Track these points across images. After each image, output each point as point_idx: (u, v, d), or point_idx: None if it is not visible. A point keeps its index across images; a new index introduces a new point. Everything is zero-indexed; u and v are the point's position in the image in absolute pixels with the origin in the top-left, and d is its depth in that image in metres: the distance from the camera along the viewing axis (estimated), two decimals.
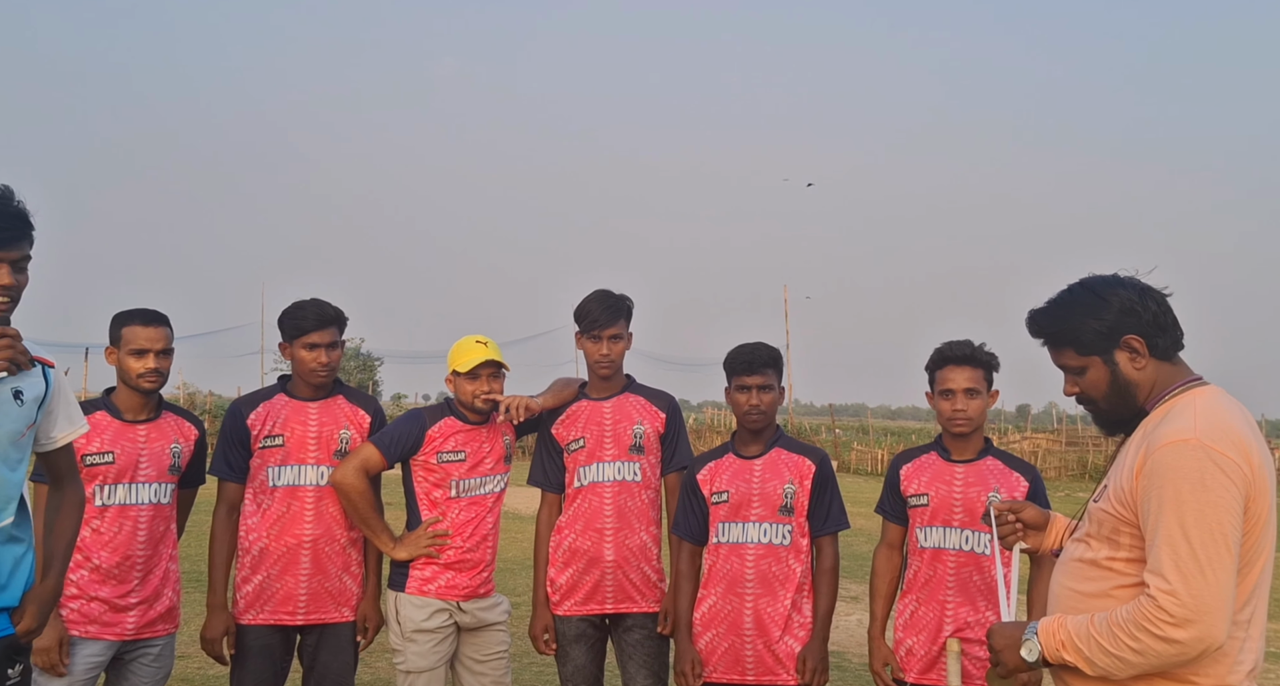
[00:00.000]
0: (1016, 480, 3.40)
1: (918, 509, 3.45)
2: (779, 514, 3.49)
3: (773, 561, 3.47)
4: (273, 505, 3.60)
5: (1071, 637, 2.10)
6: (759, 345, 3.59)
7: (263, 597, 3.58)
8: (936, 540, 3.40)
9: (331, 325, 3.66)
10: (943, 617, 3.36)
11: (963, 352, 3.39)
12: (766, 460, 3.55)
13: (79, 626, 3.35)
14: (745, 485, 3.52)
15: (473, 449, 3.67)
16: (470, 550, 3.64)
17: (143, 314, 3.50)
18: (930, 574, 3.39)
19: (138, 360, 3.44)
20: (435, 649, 3.57)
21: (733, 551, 3.50)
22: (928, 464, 3.50)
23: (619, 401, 3.79)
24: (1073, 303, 2.25)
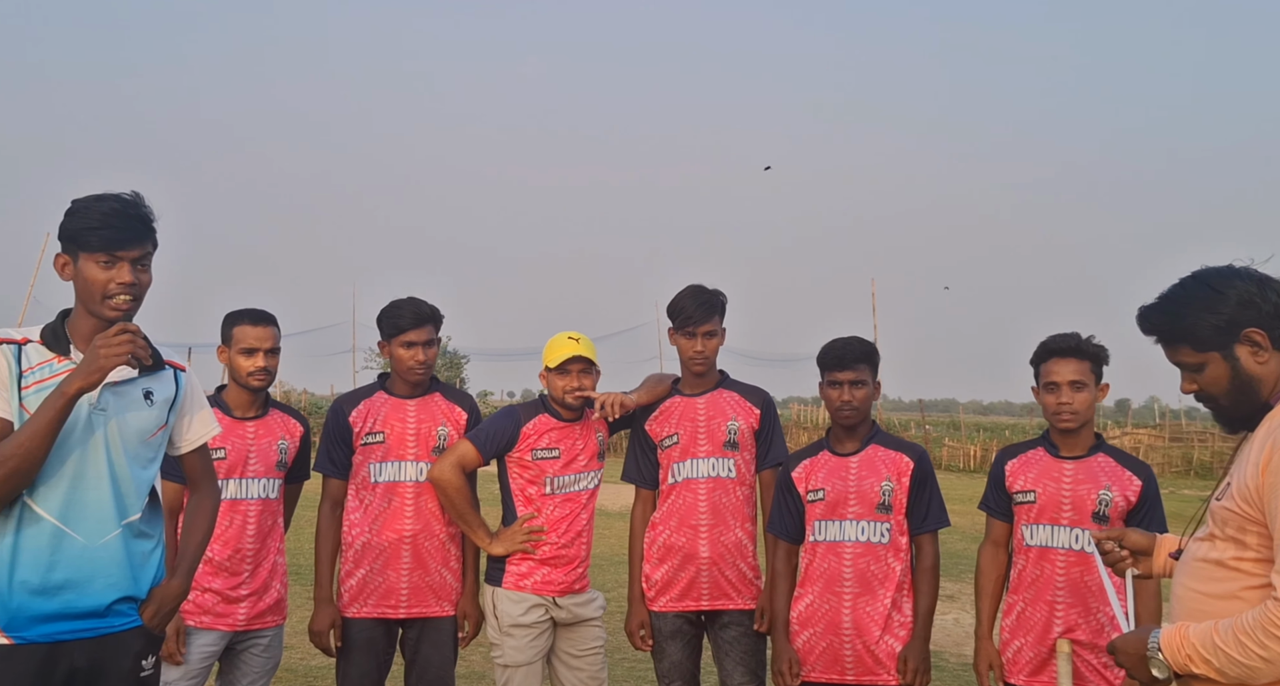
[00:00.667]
0: (1129, 479, 3.29)
1: (1024, 505, 3.36)
2: (877, 511, 3.43)
3: (871, 560, 3.42)
4: (374, 501, 3.67)
5: (1198, 650, 2.01)
6: (851, 339, 3.54)
7: (365, 591, 3.65)
8: (1043, 538, 3.30)
9: (428, 323, 3.71)
10: (1051, 618, 3.27)
11: (1068, 344, 3.29)
12: (863, 457, 3.50)
13: (194, 617, 3.47)
14: (841, 483, 3.47)
15: (566, 446, 3.69)
16: (565, 546, 3.66)
17: (251, 314, 3.61)
18: (1037, 573, 3.30)
19: (247, 358, 3.55)
20: (532, 643, 3.61)
21: (830, 550, 3.45)
22: (1035, 459, 3.40)
23: (713, 397, 3.77)
24: (1187, 297, 2.14)
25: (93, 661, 2.40)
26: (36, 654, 2.32)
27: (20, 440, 2.26)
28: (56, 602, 2.34)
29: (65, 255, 2.45)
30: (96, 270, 2.41)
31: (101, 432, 2.41)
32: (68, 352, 2.44)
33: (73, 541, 2.36)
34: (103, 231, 2.40)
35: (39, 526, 2.34)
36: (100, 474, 2.40)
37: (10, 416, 2.33)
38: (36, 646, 2.32)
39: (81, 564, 2.37)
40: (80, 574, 2.37)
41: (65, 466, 2.36)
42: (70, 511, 2.36)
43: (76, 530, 2.37)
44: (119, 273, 2.42)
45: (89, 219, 2.40)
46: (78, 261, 2.42)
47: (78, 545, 2.36)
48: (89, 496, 2.39)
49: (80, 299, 2.46)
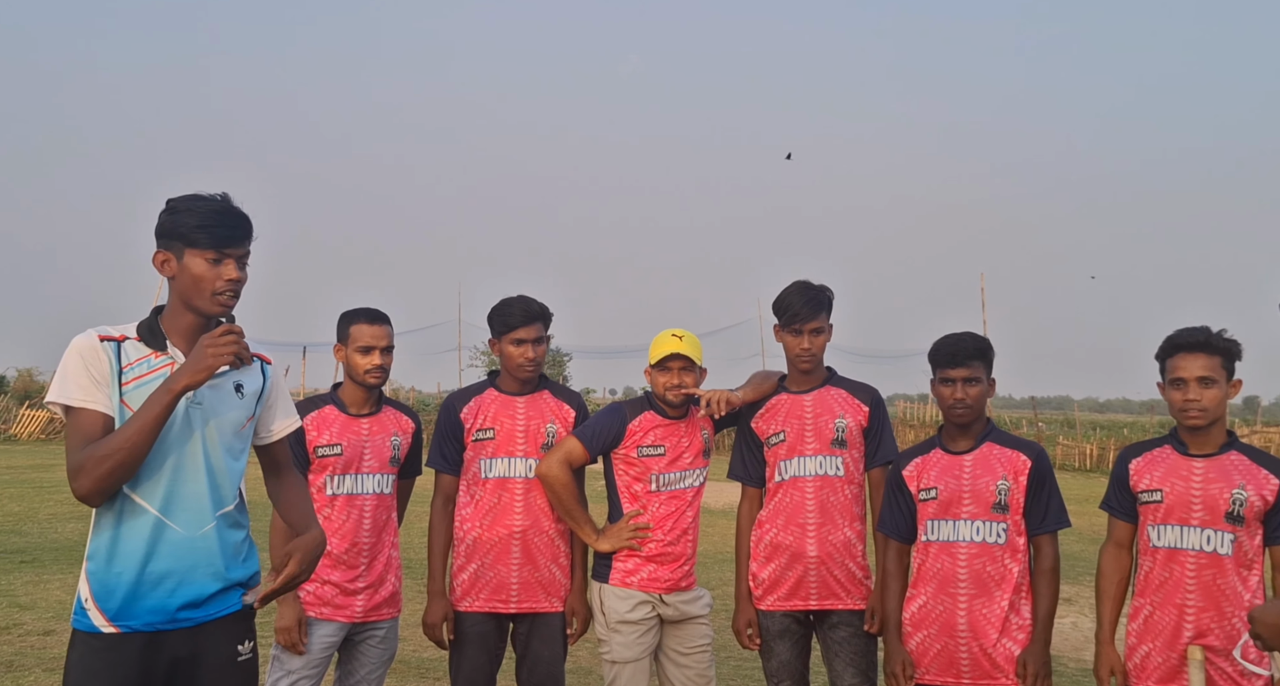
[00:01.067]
0: (1265, 478, 3.12)
1: (1150, 505, 3.22)
2: (993, 511, 3.33)
3: (987, 561, 3.32)
4: (484, 496, 3.72)
5: None
6: (965, 336, 3.44)
7: (477, 586, 3.71)
8: (1172, 539, 3.16)
9: (537, 321, 3.75)
10: (1181, 622, 3.12)
11: (1196, 339, 3.15)
12: (977, 455, 3.40)
13: (314, 608, 3.58)
14: (955, 482, 3.38)
15: (672, 443, 3.69)
16: (671, 543, 3.66)
17: (368, 313, 3.70)
18: (1165, 575, 3.15)
19: (364, 356, 3.64)
20: (639, 640, 3.62)
21: (943, 550, 3.37)
22: (1161, 458, 3.26)
23: (820, 394, 3.72)
24: None
25: (193, 649, 2.46)
26: (140, 642, 2.39)
27: (126, 435, 2.31)
28: (159, 592, 2.41)
29: (167, 252, 2.47)
30: (204, 267, 2.44)
31: (198, 426, 2.47)
32: (164, 348, 2.48)
33: (173, 532, 2.42)
34: (215, 229, 2.44)
35: (141, 518, 2.40)
36: (197, 466, 2.46)
37: (112, 412, 2.38)
38: (140, 634, 2.39)
39: (182, 554, 2.43)
40: (181, 564, 2.43)
41: (165, 459, 2.42)
42: (170, 503, 2.42)
43: (176, 521, 2.43)
44: (226, 269, 2.46)
45: (197, 217, 2.44)
46: (182, 258, 2.45)
47: (178, 536, 2.43)
48: (187, 488, 2.44)
49: (181, 295, 2.48)
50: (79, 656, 2.39)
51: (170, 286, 2.50)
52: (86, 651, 2.38)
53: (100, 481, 2.31)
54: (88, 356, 2.40)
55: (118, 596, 2.38)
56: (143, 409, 2.33)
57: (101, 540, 2.41)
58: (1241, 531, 3.10)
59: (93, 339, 2.43)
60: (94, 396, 2.37)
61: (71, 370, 2.39)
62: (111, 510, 2.40)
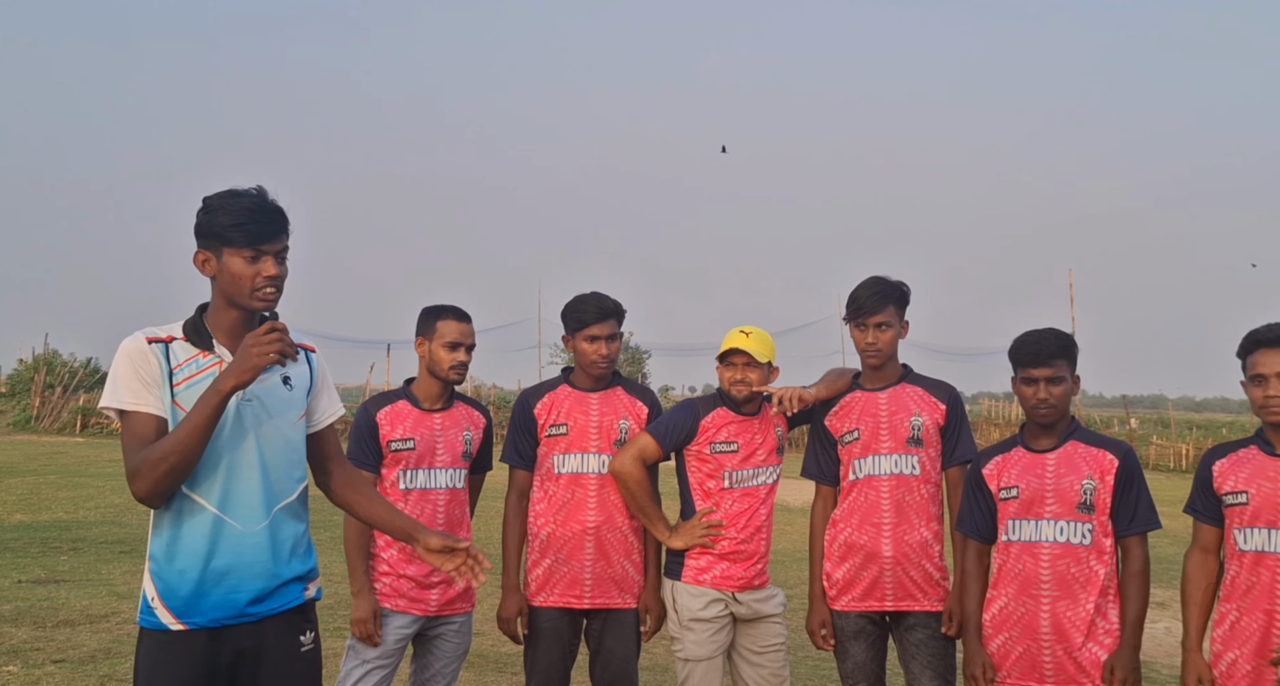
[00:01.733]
0: None
1: (1236, 508, 3.09)
2: (1077, 511, 3.23)
3: (1071, 562, 3.22)
4: (558, 492, 3.73)
5: None
6: (1047, 332, 3.33)
7: (551, 581, 3.72)
8: (1259, 543, 3.03)
9: (611, 318, 3.75)
10: (1270, 628, 2.99)
11: (1276, 334, 3.04)
12: (1061, 454, 3.30)
13: (390, 600, 3.63)
14: (1038, 481, 3.28)
15: (745, 440, 3.66)
16: (744, 541, 3.63)
17: (455, 310, 3.74)
18: (1253, 580, 3.03)
19: (450, 352, 3.68)
20: (712, 638, 3.59)
21: (1025, 550, 3.27)
22: (1247, 458, 3.13)
23: (895, 392, 3.65)
24: None
25: (256, 642, 2.49)
26: (205, 638, 2.44)
27: (179, 437, 2.34)
28: (222, 589, 2.44)
29: (206, 252, 2.49)
30: (242, 265, 2.46)
31: (250, 423, 2.49)
32: (211, 347, 2.50)
33: (232, 529, 2.45)
34: (249, 226, 2.45)
35: (201, 516, 2.43)
36: (252, 463, 2.48)
37: (165, 414, 2.41)
38: (205, 631, 2.44)
39: (242, 550, 2.46)
40: (241, 560, 2.46)
41: (220, 457, 2.44)
42: (228, 500, 2.45)
43: (235, 518, 2.46)
44: (264, 266, 2.47)
45: (231, 215, 2.45)
46: (221, 257, 2.47)
47: (236, 532, 2.46)
48: (244, 486, 2.47)
49: (224, 293, 2.51)
50: (147, 652, 2.44)
51: (213, 285, 2.53)
52: (155, 647, 2.43)
53: (157, 484, 2.35)
54: (136, 359, 2.43)
55: (182, 594, 2.42)
56: (193, 411, 2.36)
57: (162, 539, 2.45)
58: None
59: (140, 342, 2.46)
60: (145, 399, 2.40)
61: (122, 374, 2.42)
62: (171, 509, 2.43)
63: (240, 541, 2.46)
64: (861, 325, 3.60)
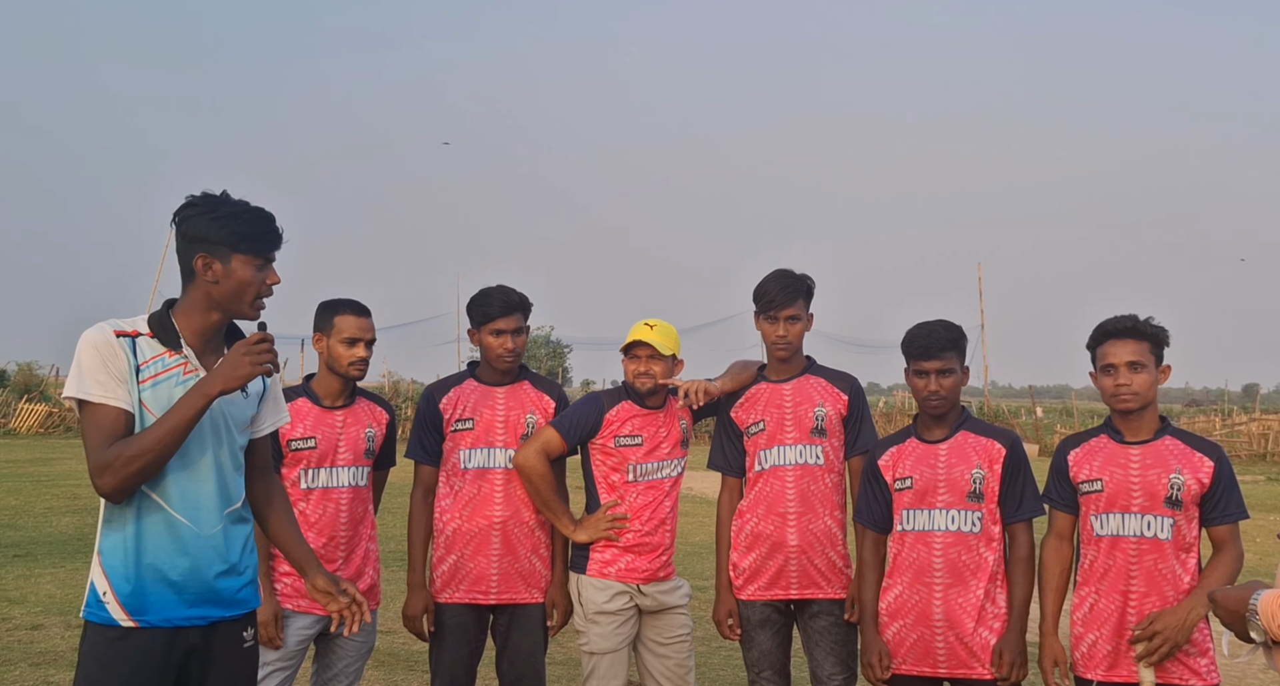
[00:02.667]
0: (1199, 461, 3.13)
1: (1091, 495, 3.22)
2: (967, 500, 3.32)
3: (962, 550, 3.31)
4: (464, 487, 3.71)
5: None
6: (936, 326, 3.41)
7: (457, 577, 3.69)
8: (1114, 528, 3.16)
9: (516, 311, 3.73)
10: (1125, 608, 3.13)
11: (1124, 325, 3.18)
12: (952, 444, 3.39)
13: (291, 600, 3.56)
14: (930, 471, 3.36)
15: (649, 433, 3.67)
16: (649, 533, 3.65)
17: (353, 304, 3.67)
18: (1109, 563, 3.16)
19: (349, 348, 3.61)
20: (617, 631, 3.61)
21: (919, 539, 3.35)
22: (1099, 447, 3.26)
23: (799, 383, 3.70)
24: None
25: (206, 641, 2.48)
26: (158, 637, 2.41)
27: (158, 436, 2.33)
28: (175, 588, 2.42)
29: (209, 256, 2.44)
30: (251, 272, 2.46)
31: (210, 426, 2.47)
32: (179, 347, 2.46)
33: (187, 529, 2.43)
34: (266, 235, 2.48)
35: (158, 515, 2.41)
36: (209, 465, 2.47)
37: (133, 409, 2.38)
38: (159, 630, 2.41)
39: (197, 551, 2.44)
40: (197, 561, 2.44)
41: (180, 458, 2.42)
42: (184, 501, 2.43)
43: (190, 519, 2.44)
44: (270, 275, 2.50)
45: (246, 223, 2.45)
46: (229, 262, 2.44)
47: (191, 533, 2.44)
48: (201, 487, 2.46)
49: (217, 298, 2.47)
50: (92, 648, 2.40)
51: (197, 286, 2.47)
52: (102, 643, 2.39)
53: (127, 480, 2.33)
54: (104, 351, 2.39)
55: (138, 592, 2.39)
56: (175, 411, 2.35)
57: (117, 536, 2.41)
58: (1180, 515, 3.11)
59: (108, 334, 2.42)
60: (114, 392, 2.37)
61: (88, 365, 2.37)
62: (130, 507, 2.40)
63: (195, 542, 2.44)
64: (772, 318, 3.64)
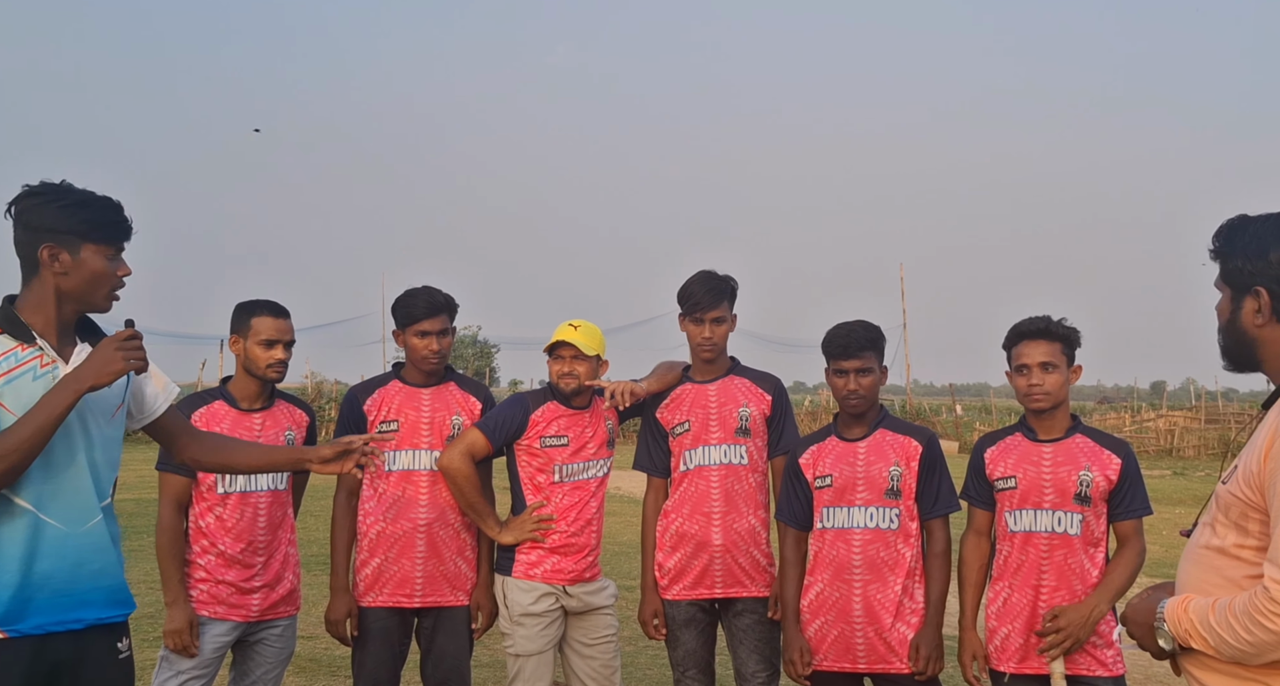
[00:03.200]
0: (1108, 458, 3.26)
1: (1005, 492, 3.32)
2: (885, 497, 3.39)
3: (881, 546, 3.38)
4: (388, 490, 3.67)
5: (1195, 625, 1.99)
6: (855, 327, 3.48)
7: (381, 580, 3.66)
8: (1027, 523, 3.27)
9: (442, 313, 3.70)
10: (1037, 602, 3.24)
11: (1037, 327, 3.29)
12: (871, 442, 3.46)
13: (207, 607, 3.49)
14: (849, 469, 3.43)
15: (575, 433, 3.68)
16: (575, 534, 3.65)
17: (270, 305, 3.60)
18: (1022, 559, 3.27)
19: (266, 350, 3.55)
20: (543, 632, 3.60)
21: (839, 537, 3.42)
22: (1013, 445, 3.37)
23: (724, 384, 3.74)
24: (1248, 231, 2.05)
25: (77, 650, 2.38)
26: (27, 647, 2.31)
27: (24, 435, 2.23)
28: (44, 594, 2.32)
29: (57, 246, 2.35)
30: (103, 263, 2.38)
31: (77, 421, 2.37)
32: (31, 341, 2.37)
33: (54, 530, 2.33)
34: (119, 223, 2.40)
35: (20, 518, 2.31)
36: (78, 460, 2.38)
37: None
38: (28, 638, 2.31)
39: (65, 552, 2.34)
40: (64, 563, 2.34)
41: (44, 457, 2.31)
42: (48, 499, 2.33)
43: (56, 518, 2.34)
44: (121, 266, 2.42)
45: (95, 211, 2.37)
46: (79, 253, 2.36)
47: (59, 533, 2.34)
48: (67, 484, 2.36)
49: (68, 290, 2.38)
50: None
51: (43, 279, 2.38)
52: None
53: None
54: None
55: (3, 601, 2.27)
56: (42, 407, 2.26)
57: None
58: (1089, 511, 3.23)
59: None
60: None
61: None
62: None
63: (64, 543, 2.34)
64: (698, 320, 3.67)
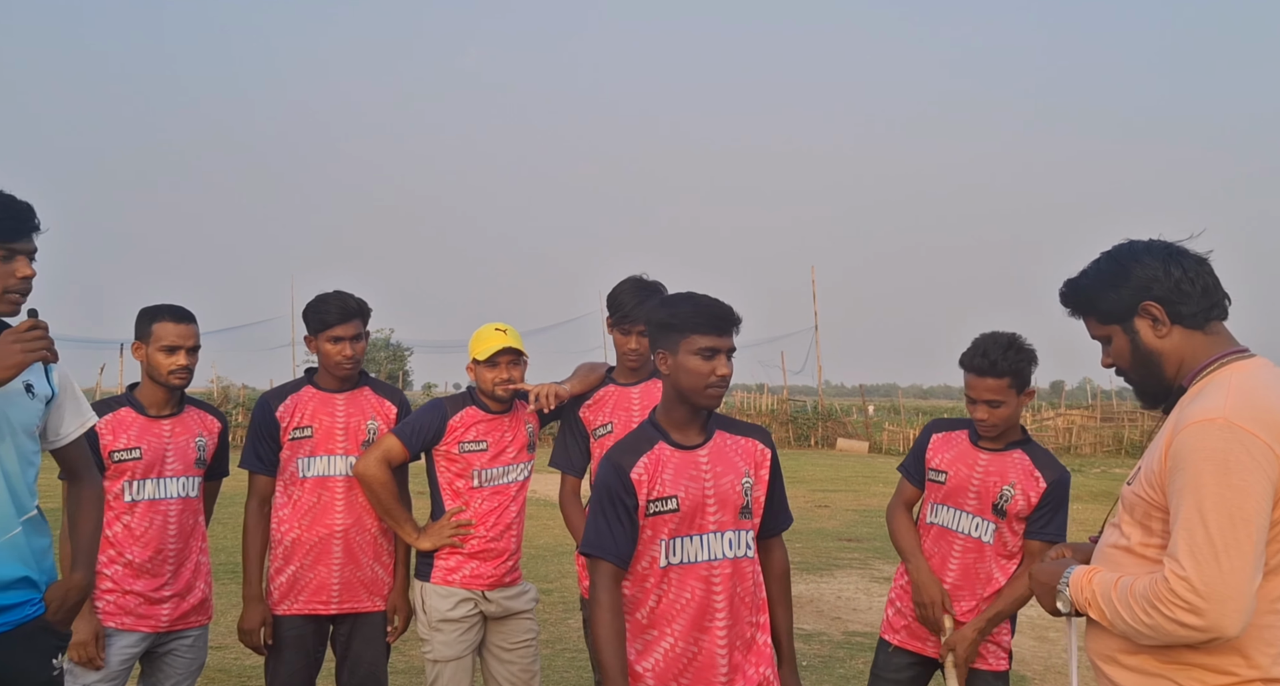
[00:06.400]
0: (1036, 480, 3.28)
1: (934, 484, 3.42)
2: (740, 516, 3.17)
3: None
4: (303, 496, 3.62)
5: (1096, 596, 2.07)
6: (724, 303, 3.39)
7: (296, 588, 3.61)
8: (945, 519, 3.38)
9: (355, 318, 3.66)
10: None
11: (984, 365, 3.21)
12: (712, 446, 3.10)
13: (115, 618, 3.40)
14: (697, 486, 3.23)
15: (494, 438, 3.67)
16: (494, 539, 3.64)
17: (172, 310, 3.51)
18: (933, 551, 3.38)
19: (168, 357, 3.46)
20: (461, 638, 3.58)
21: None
22: (957, 441, 3.45)
23: (647, 387, 3.76)
24: (1096, 272, 2.21)
25: (3, 662, 2.33)
26: None
27: None
28: None
29: None
30: None
31: None
32: None
33: None
34: (4, 223, 2.30)
35: None
36: None
37: None
38: None
39: None
40: None
41: None
42: None
43: None
44: (19, 266, 2.33)
45: None
46: None
47: None
48: None
49: None
50: None
51: None
52: None
53: None
54: None
55: None
56: None
57: None
58: (1004, 524, 3.30)
59: None
60: None
61: None
62: None
63: None
64: (626, 331, 3.68)
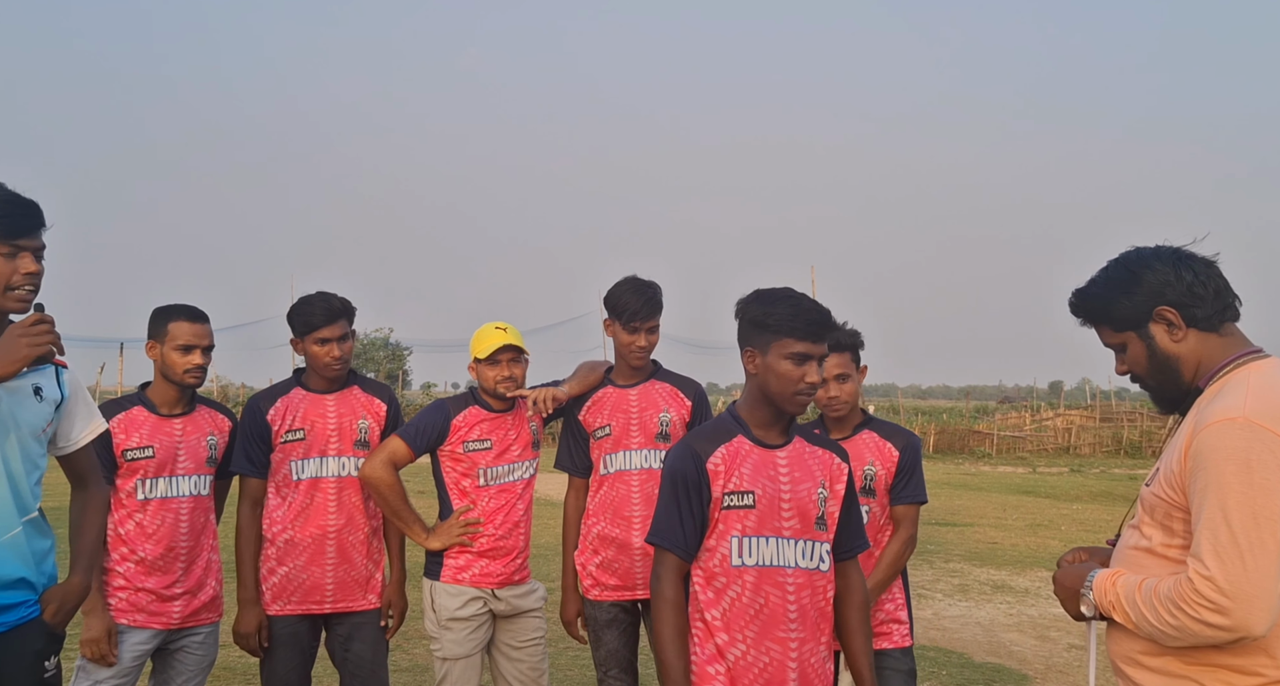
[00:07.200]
0: (889, 451, 3.49)
1: None
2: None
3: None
4: (296, 497, 3.66)
5: (1120, 599, 2.09)
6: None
7: (289, 588, 3.65)
8: None
9: (340, 318, 3.70)
10: None
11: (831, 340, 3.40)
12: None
13: (127, 615, 3.44)
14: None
15: (499, 437, 3.71)
16: (502, 538, 3.68)
17: (188, 310, 3.55)
18: None
19: (184, 356, 3.50)
20: (471, 636, 3.63)
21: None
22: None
23: (645, 388, 3.80)
24: (1106, 280, 2.23)
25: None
26: None
27: None
28: None
29: None
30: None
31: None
32: None
33: None
34: (8, 219, 2.32)
35: None
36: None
37: None
38: None
39: None
40: None
41: None
42: None
43: None
44: (23, 263, 2.34)
45: None
46: None
47: None
48: None
49: None
50: None
51: None
52: None
53: None
54: None
55: None
56: None
57: None
58: (874, 503, 3.45)
59: None
60: None
61: None
62: None
63: None
64: (634, 329, 3.71)
